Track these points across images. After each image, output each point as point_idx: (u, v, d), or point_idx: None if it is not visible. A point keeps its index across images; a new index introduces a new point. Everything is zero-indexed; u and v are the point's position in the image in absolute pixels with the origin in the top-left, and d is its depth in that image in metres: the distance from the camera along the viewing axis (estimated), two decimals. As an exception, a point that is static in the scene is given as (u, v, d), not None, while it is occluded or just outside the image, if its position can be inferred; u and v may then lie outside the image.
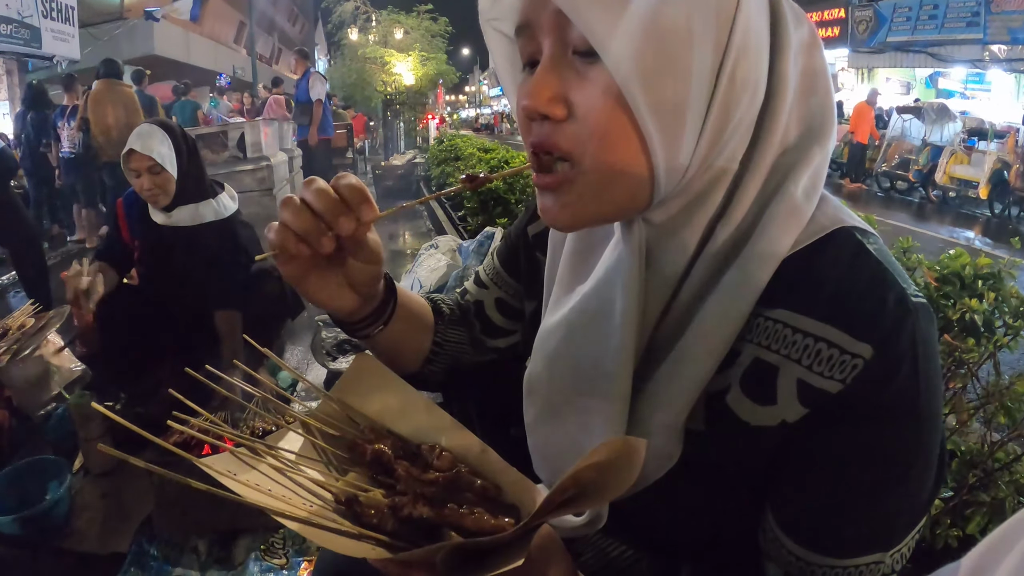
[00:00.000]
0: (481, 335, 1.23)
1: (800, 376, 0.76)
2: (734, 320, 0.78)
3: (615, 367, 0.83)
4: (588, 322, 0.88)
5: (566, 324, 0.91)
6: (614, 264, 0.85)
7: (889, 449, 0.75)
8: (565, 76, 0.77)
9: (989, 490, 1.83)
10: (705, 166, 0.78)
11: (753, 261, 0.78)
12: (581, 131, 0.76)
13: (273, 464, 0.78)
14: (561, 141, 0.77)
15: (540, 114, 0.77)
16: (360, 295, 0.98)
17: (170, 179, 3.08)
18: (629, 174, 0.77)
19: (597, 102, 0.74)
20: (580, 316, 0.89)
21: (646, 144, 0.75)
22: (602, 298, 0.86)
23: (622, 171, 0.77)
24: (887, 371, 0.73)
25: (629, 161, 0.76)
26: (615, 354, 0.83)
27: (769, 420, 0.78)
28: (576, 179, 0.78)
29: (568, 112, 0.77)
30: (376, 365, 0.97)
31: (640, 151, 0.76)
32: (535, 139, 0.80)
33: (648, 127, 0.74)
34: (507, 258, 1.22)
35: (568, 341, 0.91)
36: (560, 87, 0.76)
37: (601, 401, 0.84)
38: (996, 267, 1.93)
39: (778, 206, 0.79)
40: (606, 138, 0.75)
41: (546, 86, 0.77)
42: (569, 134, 0.77)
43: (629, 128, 0.74)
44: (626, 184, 0.78)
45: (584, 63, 0.75)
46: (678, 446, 0.82)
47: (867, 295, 0.75)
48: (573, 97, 0.76)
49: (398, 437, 0.90)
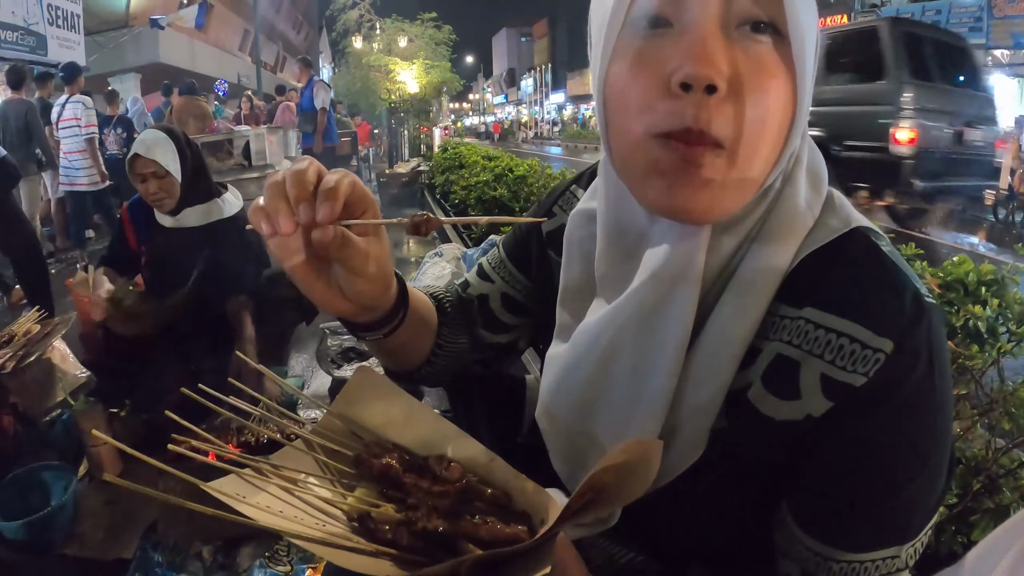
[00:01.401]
0: (482, 330, 1.19)
1: (824, 371, 0.77)
2: (748, 318, 0.80)
3: (669, 363, 0.82)
4: (640, 318, 0.85)
5: (613, 320, 0.87)
6: (673, 260, 0.82)
7: (909, 441, 0.76)
8: (731, 47, 0.72)
9: (994, 496, 1.83)
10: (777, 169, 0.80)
11: (760, 262, 0.81)
12: (746, 112, 0.72)
13: (280, 484, 0.77)
14: (719, 121, 0.72)
15: (710, 84, 0.70)
16: (354, 302, 0.89)
17: (175, 183, 3.13)
18: (766, 166, 0.77)
19: (770, 81, 0.73)
20: (631, 312, 0.85)
21: (790, 133, 0.76)
22: (658, 294, 0.83)
23: (766, 161, 0.76)
24: (907, 365, 0.75)
25: (773, 151, 0.76)
26: (672, 350, 0.82)
27: (794, 414, 0.79)
28: (724, 166, 0.74)
29: (733, 88, 0.72)
30: (377, 377, 0.95)
31: (780, 142, 0.76)
32: (699, 120, 0.72)
33: (802, 112, 0.75)
34: (515, 251, 1.19)
35: (614, 337, 0.87)
36: (731, 57, 0.72)
37: (643, 396, 0.84)
38: (1000, 273, 1.92)
39: (783, 208, 0.82)
40: (768, 120, 0.74)
41: (719, 51, 0.71)
42: (728, 114, 0.72)
43: (785, 113, 0.75)
44: (761, 176, 0.77)
45: (751, 37, 0.73)
46: (704, 441, 0.83)
47: (886, 293, 0.78)
48: (737, 72, 0.72)
49: (404, 450, 0.88)
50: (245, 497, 0.73)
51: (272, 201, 0.77)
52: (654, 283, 0.83)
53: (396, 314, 0.99)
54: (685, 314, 0.81)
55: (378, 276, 0.87)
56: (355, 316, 0.93)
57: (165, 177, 3.10)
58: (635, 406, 0.85)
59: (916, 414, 0.76)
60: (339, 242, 0.78)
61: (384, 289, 0.92)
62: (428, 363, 1.15)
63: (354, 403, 0.93)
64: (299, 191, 0.75)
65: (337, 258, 0.82)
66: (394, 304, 0.98)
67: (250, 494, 0.75)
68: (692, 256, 0.81)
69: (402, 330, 1.02)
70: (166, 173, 3.09)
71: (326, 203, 0.75)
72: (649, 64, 0.75)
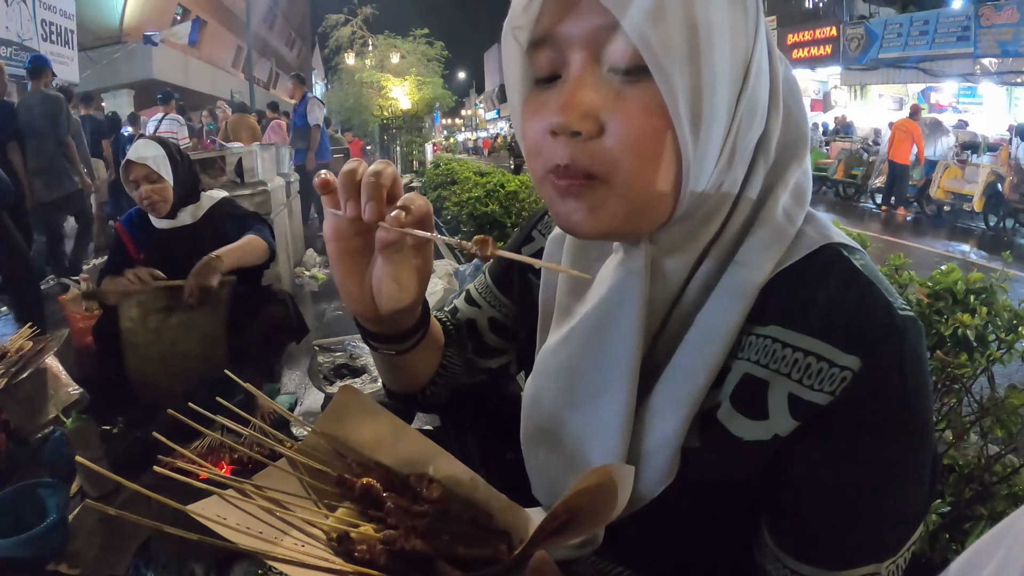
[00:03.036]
0: (473, 355, 1.21)
1: (791, 390, 0.78)
2: (723, 337, 0.80)
3: (624, 382, 0.83)
4: (591, 340, 0.87)
5: (568, 343, 0.90)
6: (617, 283, 0.85)
7: (880, 460, 0.77)
8: (599, 92, 0.75)
9: (987, 503, 1.84)
10: (714, 189, 0.80)
11: (737, 280, 0.81)
12: (616, 148, 0.75)
13: (262, 505, 0.78)
14: (593, 159, 0.76)
15: (573, 130, 0.75)
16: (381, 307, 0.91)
17: (167, 187, 3.27)
18: (660, 193, 0.77)
19: (638, 119, 0.74)
20: (583, 335, 0.88)
21: (680, 163, 0.76)
22: (605, 316, 0.86)
23: (654, 190, 0.77)
24: (875, 383, 0.75)
25: (662, 180, 0.76)
26: (625, 370, 0.83)
27: (762, 434, 0.79)
28: (606, 195, 0.77)
29: (600, 129, 0.75)
30: (361, 396, 0.96)
31: (672, 170, 0.76)
32: (565, 158, 0.77)
33: (687, 145, 0.75)
34: (500, 276, 1.21)
35: (570, 361, 0.90)
36: (595, 102, 0.75)
37: (603, 418, 0.85)
38: (988, 281, 1.94)
39: (761, 226, 0.82)
40: (643, 156, 0.75)
41: (582, 101, 0.75)
42: (601, 152, 0.75)
43: (666, 147, 0.75)
44: (655, 203, 0.78)
45: (623, 80, 0.75)
46: (675, 464, 0.82)
47: (854, 309, 0.77)
48: (608, 114, 0.75)
49: (386, 468, 0.89)
50: (226, 518, 0.74)
51: (346, 188, 0.83)
52: (601, 307, 0.86)
53: (417, 331, 1.01)
54: (631, 333, 0.83)
55: (415, 290, 0.91)
56: (374, 323, 0.96)
57: (157, 181, 3.23)
58: (598, 428, 0.86)
59: (887, 432, 0.76)
60: (399, 246, 0.85)
61: (414, 304, 0.94)
62: (432, 383, 1.15)
63: (338, 422, 0.94)
64: (373, 191, 0.81)
65: (390, 263, 0.86)
66: (415, 324, 1.00)
67: (232, 515, 0.76)
68: (632, 276, 0.83)
69: (417, 350, 1.04)
70: (158, 177, 3.22)
71: (398, 210, 0.81)
72: (540, 115, 0.80)
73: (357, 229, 0.87)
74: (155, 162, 3.21)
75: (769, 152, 0.83)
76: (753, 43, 0.77)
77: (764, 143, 0.83)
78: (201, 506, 0.75)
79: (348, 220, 0.84)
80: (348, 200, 0.83)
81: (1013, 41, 16.63)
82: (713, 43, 0.73)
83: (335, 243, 0.89)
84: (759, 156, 0.83)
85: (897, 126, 13.96)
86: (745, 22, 0.77)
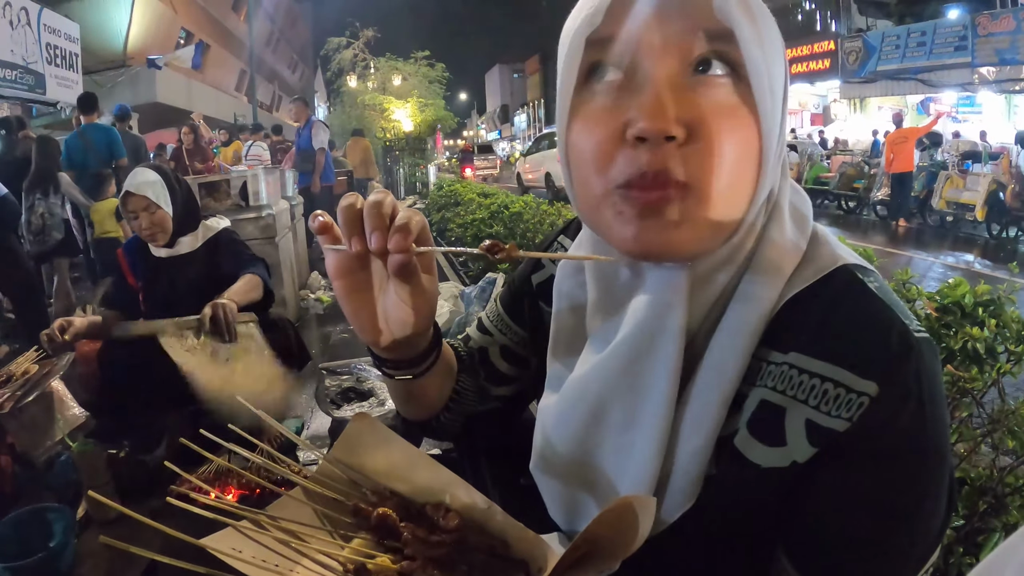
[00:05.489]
0: (485, 383, 1.19)
1: (808, 416, 0.77)
2: (736, 361, 0.80)
3: (658, 415, 0.82)
4: (625, 371, 0.85)
5: (600, 372, 0.88)
6: (654, 312, 0.82)
7: (899, 483, 0.76)
8: (687, 94, 0.74)
9: (1001, 516, 1.82)
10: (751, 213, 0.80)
11: (749, 302, 0.81)
12: (708, 153, 0.73)
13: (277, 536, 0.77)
14: (685, 165, 0.73)
15: (668, 135, 0.72)
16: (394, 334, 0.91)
17: (166, 217, 3.24)
18: (741, 203, 0.77)
19: (729, 121, 0.74)
20: (616, 365, 0.86)
21: (758, 171, 0.77)
22: (641, 347, 0.83)
23: (739, 199, 0.77)
24: (893, 407, 0.74)
25: (745, 188, 0.77)
26: (660, 403, 0.82)
27: (780, 461, 0.79)
28: (694, 207, 0.75)
29: (688, 134, 0.73)
30: (375, 424, 0.95)
31: (752, 178, 0.77)
32: (656, 164, 0.73)
33: (771, 149, 0.76)
34: (511, 304, 1.21)
35: (601, 390, 0.87)
36: (686, 107, 0.73)
37: (635, 450, 0.84)
38: (996, 293, 1.94)
39: (770, 246, 0.82)
40: (735, 160, 0.74)
41: (673, 102, 0.72)
42: (692, 157, 0.73)
43: (751, 151, 0.75)
44: (734, 213, 0.78)
45: (703, 83, 0.74)
46: (696, 489, 0.82)
47: (870, 333, 0.77)
48: (695, 118, 0.73)
49: (401, 497, 0.89)
50: (241, 551, 0.74)
51: (348, 224, 0.81)
52: (637, 336, 0.84)
53: (429, 355, 1.01)
54: (670, 367, 0.81)
55: (427, 312, 0.91)
56: (390, 349, 0.95)
57: (156, 212, 3.21)
58: (627, 458, 0.85)
59: (905, 456, 0.75)
60: (412, 269, 0.84)
61: (426, 327, 0.94)
62: (446, 410, 1.15)
63: (352, 450, 0.93)
64: (376, 221, 0.80)
65: (402, 287, 0.86)
66: (428, 345, 1.00)
67: (247, 548, 0.75)
68: (673, 307, 0.81)
69: (432, 373, 1.03)
70: (157, 208, 3.20)
71: (399, 234, 0.79)
72: (606, 120, 0.77)
73: (362, 263, 0.87)
74: (154, 192, 3.19)
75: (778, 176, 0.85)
76: (785, 72, 0.80)
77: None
78: (216, 539, 0.75)
79: (353, 255, 0.82)
80: (352, 235, 0.81)
81: (1010, 49, 16.86)
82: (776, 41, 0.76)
83: (341, 280, 0.88)
84: None
85: (891, 140, 13.97)
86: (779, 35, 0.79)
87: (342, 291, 0.89)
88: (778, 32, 0.79)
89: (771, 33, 0.77)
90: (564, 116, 0.82)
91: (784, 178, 0.86)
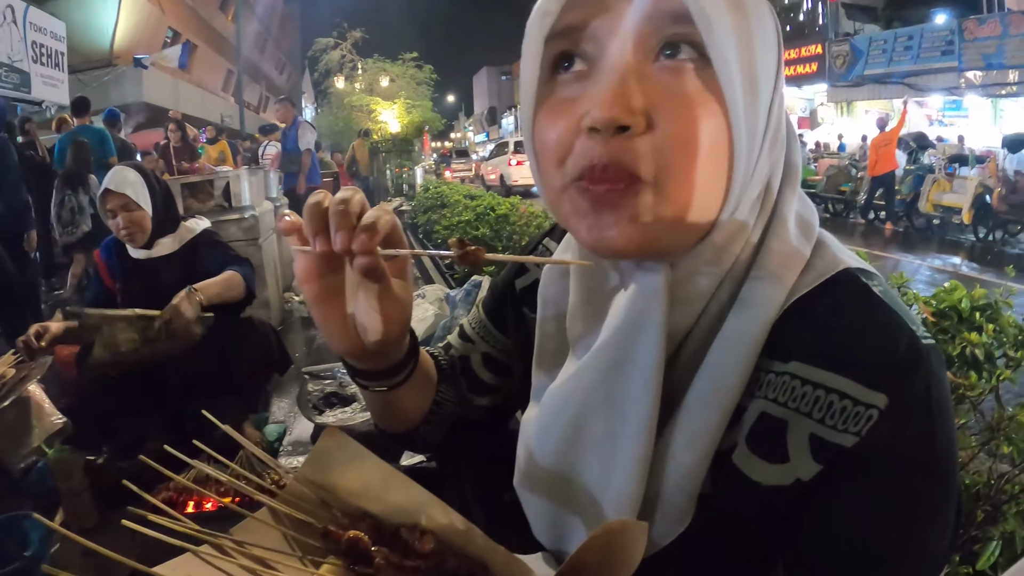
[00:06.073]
0: (467, 393, 1.14)
1: (813, 430, 0.72)
2: (737, 371, 0.75)
3: (641, 422, 0.77)
4: (605, 378, 0.81)
5: (579, 380, 0.84)
6: (633, 315, 0.78)
7: (907, 501, 0.72)
8: (648, 82, 0.69)
9: (998, 524, 1.80)
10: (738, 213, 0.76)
11: (750, 310, 0.76)
12: (668, 145, 0.69)
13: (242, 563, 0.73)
14: (640, 158, 0.69)
15: (620, 125, 0.68)
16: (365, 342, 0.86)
17: (145, 216, 3.20)
18: (709, 200, 0.73)
19: (693, 111, 0.69)
20: (596, 371, 0.82)
21: (730, 168, 0.72)
22: (620, 352, 0.79)
23: (705, 195, 0.72)
24: (902, 420, 0.70)
25: (713, 184, 0.72)
26: (643, 408, 0.77)
27: (782, 479, 0.74)
28: (652, 202, 0.70)
29: (649, 124, 0.69)
30: (346, 440, 0.90)
31: (723, 174, 0.72)
32: (605, 157, 0.69)
33: (741, 142, 0.71)
34: (493, 310, 1.15)
35: (582, 399, 0.83)
36: (644, 93, 0.69)
37: (618, 461, 0.80)
38: (992, 297, 1.91)
39: (772, 252, 0.78)
40: (698, 154, 0.69)
41: (630, 91, 0.68)
42: (649, 150, 0.69)
43: (720, 145, 0.71)
44: (702, 212, 0.73)
45: (670, 70, 0.70)
46: (691, 509, 0.78)
47: (878, 341, 0.72)
48: (657, 107, 0.69)
49: (374, 518, 0.84)
50: None
51: (312, 222, 0.77)
52: (614, 342, 0.80)
53: (406, 366, 0.96)
54: (650, 376, 0.76)
55: (400, 321, 0.86)
56: (363, 359, 0.91)
57: (135, 211, 3.17)
58: (612, 471, 0.80)
59: (914, 470, 0.71)
60: (380, 275, 0.79)
61: (400, 336, 0.90)
62: (426, 422, 1.09)
63: (322, 468, 0.89)
64: (342, 220, 0.75)
65: (371, 293, 0.82)
66: (404, 355, 0.95)
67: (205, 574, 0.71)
68: (651, 310, 0.76)
69: (409, 384, 0.99)
70: (136, 206, 3.16)
71: (364, 234, 0.74)
72: (567, 111, 0.73)
73: (331, 266, 0.82)
74: (134, 191, 3.15)
75: (775, 178, 0.80)
76: (778, 60, 0.75)
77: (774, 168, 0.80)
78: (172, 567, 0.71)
79: (319, 257, 0.78)
80: (316, 234, 0.77)
81: (997, 53, 17.02)
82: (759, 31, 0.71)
83: (309, 284, 0.83)
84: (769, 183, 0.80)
85: (875, 143, 14.02)
86: (774, 29, 0.75)
87: (310, 296, 0.84)
88: (767, 17, 0.74)
89: (752, 16, 0.72)
90: (529, 110, 0.79)
91: (789, 186, 0.82)
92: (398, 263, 0.82)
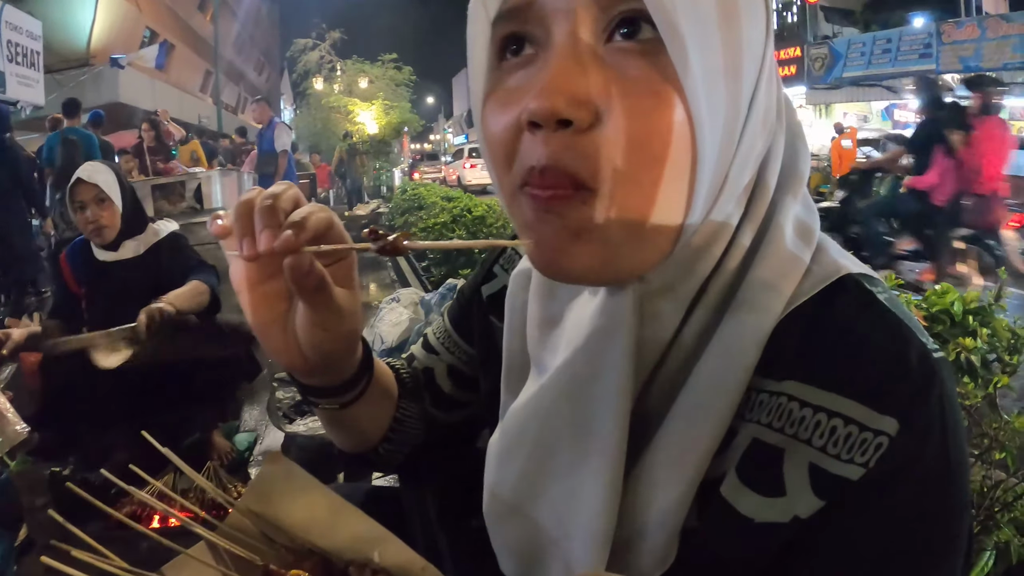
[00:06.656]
0: (431, 409, 1.04)
1: (813, 460, 0.63)
2: (728, 390, 0.66)
3: (609, 450, 0.68)
4: (569, 399, 0.72)
5: (539, 402, 0.76)
6: (597, 331, 0.69)
7: (919, 535, 0.63)
8: (594, 71, 0.60)
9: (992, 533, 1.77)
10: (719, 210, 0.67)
11: (743, 321, 0.67)
12: (617, 143, 0.59)
13: None
14: (583, 159, 0.59)
15: (559, 118, 0.58)
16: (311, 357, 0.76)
17: (116, 211, 3.15)
18: (668, 211, 0.63)
19: (647, 104, 0.59)
20: (557, 393, 0.73)
21: (692, 172, 0.62)
22: (583, 372, 0.71)
23: (663, 205, 0.62)
24: (916, 445, 0.61)
25: (673, 192, 0.62)
26: (610, 435, 0.68)
27: (777, 516, 0.64)
28: (597, 212, 0.61)
29: (595, 118, 0.59)
30: (292, 468, 0.83)
31: (684, 180, 0.62)
32: (544, 158, 0.60)
33: (702, 140, 0.60)
34: (459, 319, 1.06)
35: (543, 423, 0.75)
36: (589, 83, 0.59)
37: (584, 492, 0.71)
38: (985, 300, 1.87)
39: (766, 258, 0.68)
40: (653, 155, 0.60)
41: (571, 79, 0.59)
42: (595, 149, 0.59)
43: (678, 141, 0.60)
44: (659, 226, 0.63)
45: (624, 56, 0.60)
46: (674, 546, 0.69)
47: (886, 356, 0.63)
48: (606, 100, 0.59)
49: (322, 555, 0.77)
50: None
51: (241, 221, 0.67)
52: (578, 357, 0.71)
53: (358, 381, 0.86)
54: (618, 390, 0.68)
55: (346, 334, 0.76)
56: (309, 374, 0.81)
57: (105, 203, 3.11)
58: (579, 503, 0.72)
59: (928, 500, 0.62)
60: (314, 281, 0.68)
61: (348, 351, 0.81)
62: (386, 440, 0.99)
63: (266, 499, 0.81)
64: (268, 218, 0.65)
65: (309, 303, 0.71)
66: (357, 371, 0.85)
67: None
68: (616, 324, 0.68)
69: (364, 400, 0.89)
70: (106, 197, 3.10)
71: (288, 232, 0.64)
72: (511, 103, 0.64)
73: (269, 271, 0.72)
74: (105, 182, 3.10)
75: (770, 175, 0.71)
76: (766, 40, 0.66)
77: (771, 162, 0.71)
78: None
79: (248, 261, 0.68)
80: (244, 236, 0.66)
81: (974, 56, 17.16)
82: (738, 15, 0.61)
83: (245, 293, 0.73)
84: (763, 176, 0.71)
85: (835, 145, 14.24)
86: (765, 12, 0.65)
87: (247, 305, 0.73)
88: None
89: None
90: (478, 103, 0.71)
91: (789, 193, 0.72)
92: (342, 269, 0.73)
